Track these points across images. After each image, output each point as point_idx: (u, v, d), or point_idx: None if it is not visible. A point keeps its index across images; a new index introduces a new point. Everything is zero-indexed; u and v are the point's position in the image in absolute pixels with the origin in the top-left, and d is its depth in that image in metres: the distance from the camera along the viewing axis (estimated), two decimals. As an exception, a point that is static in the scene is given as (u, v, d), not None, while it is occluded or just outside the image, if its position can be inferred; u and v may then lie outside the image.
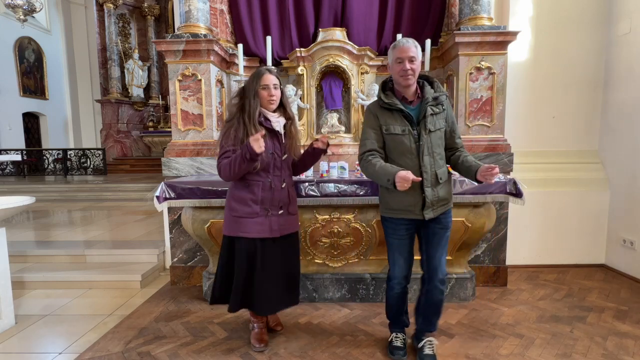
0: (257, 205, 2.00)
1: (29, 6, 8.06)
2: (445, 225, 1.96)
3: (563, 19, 3.36)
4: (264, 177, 2.01)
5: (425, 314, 2.07)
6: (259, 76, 1.98)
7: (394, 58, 1.84)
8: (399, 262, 2.02)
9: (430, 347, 2.04)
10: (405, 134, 1.86)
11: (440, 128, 1.89)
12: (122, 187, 7.64)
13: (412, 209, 1.90)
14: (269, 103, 1.99)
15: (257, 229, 2.00)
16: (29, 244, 3.99)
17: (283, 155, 2.05)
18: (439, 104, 1.89)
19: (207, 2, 3.11)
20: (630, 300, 2.79)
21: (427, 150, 1.85)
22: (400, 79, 1.84)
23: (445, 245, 1.99)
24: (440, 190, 1.89)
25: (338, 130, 3.27)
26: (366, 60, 3.27)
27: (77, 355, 2.14)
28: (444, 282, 1.97)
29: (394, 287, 2.07)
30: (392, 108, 1.88)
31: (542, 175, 3.39)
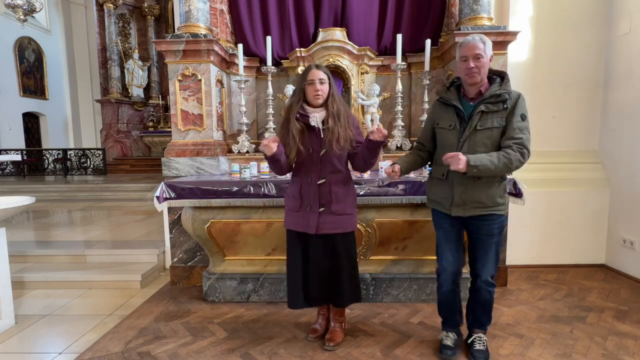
0: (298, 199, 2.05)
1: (29, 6, 8.06)
2: (489, 232, 1.91)
3: (563, 19, 3.36)
4: (303, 172, 2.04)
5: (474, 311, 2.08)
6: (306, 72, 2.01)
7: (460, 56, 1.81)
8: (447, 255, 2.01)
9: (480, 343, 2.05)
10: (451, 129, 1.88)
11: (493, 127, 1.80)
12: (122, 187, 7.64)
13: (443, 203, 1.94)
14: (314, 98, 1.98)
15: (297, 222, 2.07)
16: (29, 244, 3.99)
17: (321, 151, 1.99)
18: (500, 101, 1.78)
19: (207, 2, 3.11)
20: (630, 300, 2.78)
21: (467, 148, 1.81)
22: (466, 77, 1.82)
23: (490, 251, 1.94)
24: (476, 192, 1.84)
25: (338, 130, 3.26)
26: (366, 60, 3.27)
27: (77, 355, 2.14)
28: (489, 284, 1.97)
29: (442, 285, 2.06)
30: (447, 103, 1.90)
31: (542, 175, 3.39)
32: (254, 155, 3.18)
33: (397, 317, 2.54)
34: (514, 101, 1.81)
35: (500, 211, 1.90)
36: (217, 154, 3.10)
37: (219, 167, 3.11)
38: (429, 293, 2.74)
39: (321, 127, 1.99)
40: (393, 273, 2.76)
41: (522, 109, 1.82)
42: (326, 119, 1.98)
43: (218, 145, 3.14)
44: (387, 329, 2.37)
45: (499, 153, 1.78)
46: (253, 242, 2.74)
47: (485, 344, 2.06)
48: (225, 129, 3.42)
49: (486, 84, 1.85)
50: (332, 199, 2.01)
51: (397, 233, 2.66)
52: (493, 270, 1.97)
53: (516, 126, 1.80)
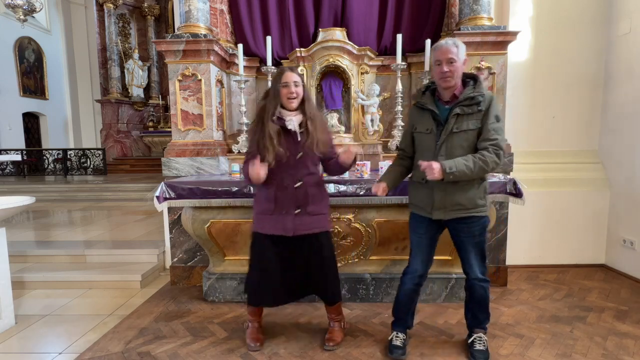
0: (272, 203, 2.03)
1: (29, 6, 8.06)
2: (470, 234, 1.93)
3: (563, 19, 3.36)
4: (278, 176, 2.01)
5: (472, 309, 2.10)
6: (280, 74, 1.99)
7: (434, 60, 1.84)
8: (417, 258, 2.05)
9: (480, 343, 2.05)
10: (429, 133, 1.89)
11: (469, 129, 1.82)
12: (122, 187, 7.64)
13: (423, 207, 1.95)
14: (289, 101, 1.98)
15: (271, 226, 2.04)
16: (29, 244, 3.99)
17: (298, 154, 1.99)
18: (474, 104, 1.81)
19: (207, 2, 3.11)
20: (630, 300, 2.78)
21: (444, 151, 1.84)
22: (440, 81, 1.84)
23: (473, 251, 1.97)
24: (456, 194, 1.86)
25: (338, 130, 3.26)
26: (366, 60, 3.27)
27: (77, 355, 2.14)
28: (481, 280, 1.99)
29: (407, 282, 2.08)
30: (424, 108, 1.92)
31: (542, 175, 3.39)
32: (254, 155, 3.18)
33: (397, 317, 2.54)
34: (488, 103, 1.83)
35: (481, 212, 1.91)
36: (217, 154, 3.10)
37: (219, 167, 3.11)
38: (428, 293, 2.74)
39: (298, 131, 1.99)
40: (393, 273, 2.76)
41: (496, 110, 1.85)
42: (304, 123, 2.00)
43: (218, 145, 3.14)
44: (387, 329, 2.36)
45: (474, 156, 1.80)
46: (253, 242, 2.74)
47: (485, 343, 2.06)
48: (225, 129, 3.42)
49: (460, 87, 1.87)
50: (309, 200, 2.03)
51: (397, 233, 2.66)
52: (482, 267, 2.00)
53: (491, 127, 1.82)
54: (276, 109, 1.98)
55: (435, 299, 2.75)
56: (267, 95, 2.07)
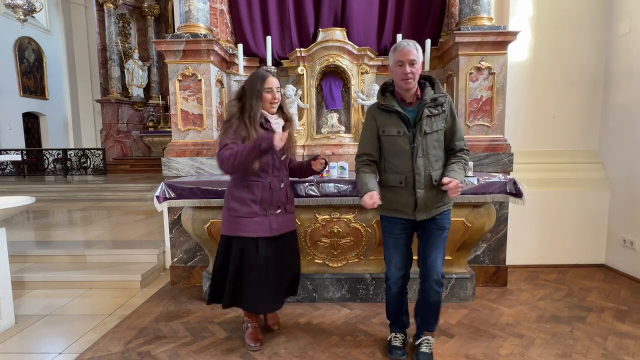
0: (257, 205, 2.01)
1: (29, 6, 8.06)
2: (442, 226, 1.95)
3: (563, 19, 3.36)
4: (264, 178, 2.02)
5: (422, 314, 2.07)
6: (263, 78, 1.98)
7: (395, 61, 1.82)
8: (395, 261, 2.03)
9: (427, 346, 2.04)
10: (401, 135, 1.87)
11: (438, 130, 1.87)
12: (122, 187, 7.64)
13: (405, 210, 1.92)
14: (271, 106, 2.02)
15: (257, 228, 2.02)
16: (29, 244, 3.99)
17: (282, 156, 2.07)
18: (438, 105, 1.86)
19: (207, 2, 3.11)
20: (630, 300, 2.79)
21: (421, 152, 1.85)
22: (401, 82, 1.83)
23: (442, 246, 1.97)
24: (435, 192, 1.88)
25: (338, 130, 3.27)
26: (366, 60, 3.27)
27: (77, 355, 2.14)
28: (440, 284, 1.96)
29: (391, 287, 2.07)
30: (389, 110, 1.88)
31: (542, 175, 3.39)
32: (254, 155, 3.18)
33: (397, 317, 2.54)
34: (449, 104, 1.90)
35: (450, 206, 1.99)
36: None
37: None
38: (429, 293, 2.74)
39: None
40: (393, 273, 2.76)
41: (455, 111, 1.94)
42: (287, 126, 2.07)
43: (218, 145, 3.14)
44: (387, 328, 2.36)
45: (459, 162, 1.89)
46: (253, 242, 2.74)
47: (431, 346, 2.06)
48: (225, 129, 3.41)
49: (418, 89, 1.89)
50: (288, 200, 2.14)
51: (397, 233, 2.66)
52: (442, 269, 1.97)
53: (459, 128, 1.93)
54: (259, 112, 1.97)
55: (435, 299, 2.75)
56: (243, 95, 2.00)
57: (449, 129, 1.90)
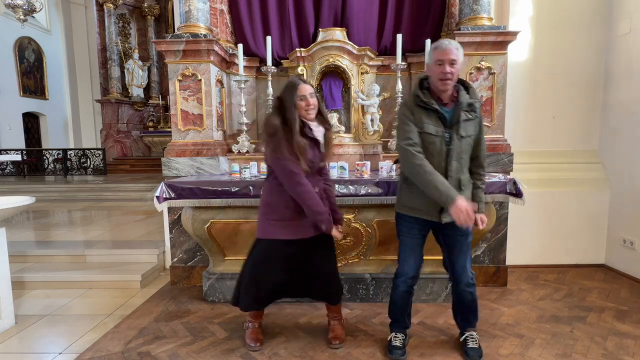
0: (294, 211, 2.01)
1: (29, 6, 8.06)
2: (465, 232, 1.94)
3: (563, 19, 3.36)
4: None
5: (461, 313, 2.12)
6: (294, 87, 1.97)
7: (435, 59, 1.79)
8: (409, 261, 2.02)
9: (472, 341, 2.07)
10: (439, 135, 1.81)
11: (471, 135, 1.85)
12: (122, 187, 7.64)
13: (429, 211, 1.89)
14: (307, 113, 1.98)
15: (293, 231, 2.02)
16: (29, 244, 3.99)
17: (321, 162, 2.06)
18: (473, 110, 1.84)
19: (207, 2, 3.11)
20: (630, 300, 2.79)
21: (455, 155, 1.82)
22: (439, 82, 1.79)
23: (468, 251, 1.99)
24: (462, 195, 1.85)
25: (338, 130, 3.26)
26: (366, 60, 3.27)
27: (77, 355, 2.14)
28: (471, 285, 2.02)
29: (399, 285, 2.07)
30: (428, 107, 1.82)
31: (542, 175, 3.39)
32: (254, 155, 3.19)
33: (397, 317, 2.54)
34: (479, 110, 1.90)
35: None
36: (217, 154, 3.10)
37: (219, 167, 3.11)
38: (428, 293, 2.75)
39: (322, 141, 2.04)
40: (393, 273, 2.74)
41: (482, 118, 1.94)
42: (327, 135, 2.07)
43: (218, 145, 3.14)
44: (387, 328, 2.36)
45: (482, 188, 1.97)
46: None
47: (477, 341, 2.08)
48: (225, 129, 3.42)
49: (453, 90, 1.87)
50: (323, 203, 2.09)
51: (397, 233, 2.66)
52: (471, 270, 2.02)
53: (484, 142, 1.95)
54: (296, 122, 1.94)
55: (436, 299, 2.75)
56: (280, 107, 1.99)
57: (477, 136, 1.89)
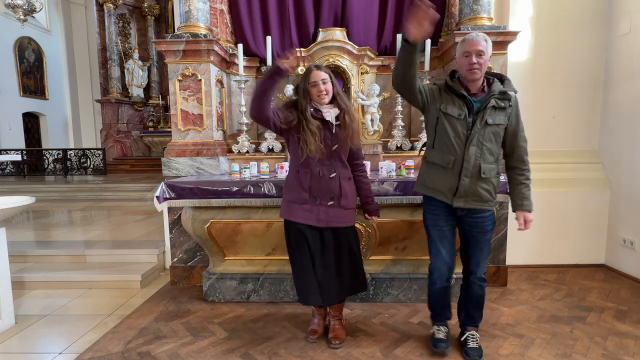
0: (306, 192, 2.03)
1: (29, 6, 8.06)
2: (484, 229, 1.95)
3: (563, 19, 3.36)
4: (313, 166, 2.03)
5: (467, 308, 2.11)
6: (307, 74, 2.04)
7: (462, 51, 1.81)
8: (441, 253, 2.00)
9: (473, 341, 2.07)
10: (461, 119, 1.84)
11: (500, 124, 1.84)
12: (122, 187, 7.64)
13: (444, 192, 1.90)
14: (320, 98, 2.03)
15: (304, 215, 2.04)
16: (29, 244, 3.99)
17: (334, 145, 2.04)
18: (506, 99, 1.84)
19: (207, 2, 3.11)
20: (630, 300, 2.79)
21: (475, 141, 1.83)
22: (467, 73, 1.81)
23: (485, 248, 1.99)
24: (479, 185, 1.86)
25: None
26: (366, 60, 3.27)
27: (77, 355, 2.14)
28: (483, 280, 2.02)
29: (435, 282, 2.06)
30: (455, 92, 1.86)
31: (542, 175, 3.39)
32: (254, 155, 3.18)
33: (397, 317, 2.54)
34: (516, 102, 1.88)
35: (492, 207, 1.97)
36: (217, 154, 3.10)
37: (219, 167, 3.11)
38: (429, 293, 2.74)
39: (334, 123, 2.04)
40: (393, 273, 2.76)
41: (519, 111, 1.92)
42: (341, 116, 2.06)
43: (218, 145, 3.14)
44: (387, 329, 2.37)
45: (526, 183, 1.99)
46: (253, 242, 2.74)
47: (478, 341, 2.08)
48: (225, 129, 3.42)
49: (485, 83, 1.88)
50: (342, 193, 2.07)
51: (397, 233, 2.66)
52: (485, 267, 2.03)
53: (522, 129, 1.92)
54: (309, 105, 2.01)
55: (435, 299, 2.75)
56: (297, 92, 2.10)
57: (513, 128, 1.88)
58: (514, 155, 1.95)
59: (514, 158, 1.95)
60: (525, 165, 1.95)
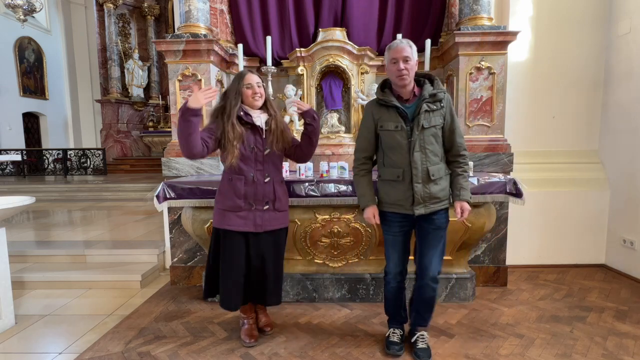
0: (241, 199, 2.04)
1: (29, 6, 8.06)
2: (439, 225, 1.97)
3: (563, 19, 3.36)
4: (246, 171, 2.04)
5: (417, 309, 2.11)
6: (241, 77, 2.07)
7: (390, 59, 1.88)
8: (393, 257, 2.07)
9: (422, 341, 2.08)
10: (398, 130, 1.90)
11: (436, 125, 1.90)
12: (122, 187, 7.64)
13: (402, 204, 1.95)
14: (254, 100, 2.05)
15: (241, 222, 2.05)
16: (29, 244, 3.99)
17: (265, 150, 2.07)
18: (437, 100, 1.90)
19: (207, 2, 3.11)
20: (630, 300, 2.79)
21: (418, 147, 1.88)
22: (397, 79, 1.87)
23: (439, 245, 1.99)
24: (432, 187, 1.91)
25: (338, 130, 3.27)
26: (366, 60, 3.27)
27: (77, 355, 2.14)
28: (435, 281, 2.00)
29: (390, 282, 2.12)
30: (388, 105, 1.92)
31: (542, 175, 3.39)
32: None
33: (397, 317, 2.54)
34: (447, 101, 1.94)
35: (447, 204, 2.00)
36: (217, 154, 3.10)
37: (219, 167, 3.11)
38: (429, 293, 2.74)
39: (264, 128, 2.07)
40: (393, 273, 2.76)
41: (453, 108, 1.98)
42: (269, 121, 2.08)
43: (218, 145, 3.14)
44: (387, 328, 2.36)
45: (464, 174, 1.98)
46: (253, 242, 2.74)
47: (427, 341, 2.09)
48: (225, 129, 3.41)
49: (415, 86, 1.93)
50: (276, 197, 2.11)
51: (397, 233, 2.66)
52: (440, 266, 2.02)
53: (458, 125, 1.97)
54: (238, 107, 2.02)
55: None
56: (224, 97, 2.08)
57: (448, 126, 1.94)
58: (452, 151, 1.98)
59: (452, 153, 1.98)
60: (464, 159, 1.99)
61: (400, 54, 1.83)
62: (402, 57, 1.83)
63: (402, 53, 1.83)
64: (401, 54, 1.83)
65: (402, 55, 1.83)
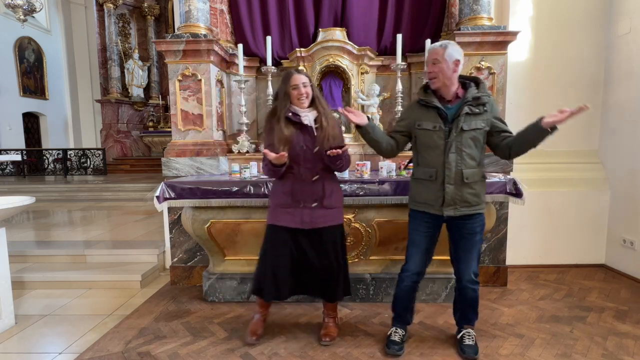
0: (289, 196, 2.07)
1: (29, 6, 8.06)
2: (472, 230, 1.97)
3: (563, 19, 3.36)
4: (295, 170, 2.07)
5: (461, 309, 2.14)
6: (288, 78, 2.08)
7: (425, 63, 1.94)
8: (415, 257, 2.06)
9: (469, 338, 2.09)
10: (436, 130, 1.91)
11: (477, 129, 1.89)
12: (122, 187, 7.64)
13: (433, 204, 1.95)
14: (299, 101, 2.06)
15: (288, 218, 2.07)
16: (29, 244, 3.99)
17: (314, 148, 2.06)
18: (480, 104, 1.89)
19: (207, 2, 3.11)
20: (630, 300, 2.79)
21: (454, 148, 1.88)
22: (429, 82, 1.92)
23: (473, 249, 2.00)
24: (465, 191, 1.90)
25: (338, 130, 3.26)
26: (366, 60, 3.27)
27: (77, 355, 2.14)
28: (473, 282, 2.03)
29: (405, 280, 2.10)
30: (428, 105, 1.93)
31: (542, 175, 3.39)
32: (254, 155, 3.18)
33: (397, 317, 2.54)
34: (492, 105, 1.94)
35: (482, 209, 2.00)
36: (217, 154, 3.10)
37: (219, 167, 3.11)
38: (429, 293, 2.74)
39: (314, 126, 2.07)
40: (393, 273, 2.75)
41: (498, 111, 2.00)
42: (319, 119, 2.08)
43: (218, 145, 3.14)
44: (387, 328, 2.36)
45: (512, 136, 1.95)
46: (253, 242, 2.73)
47: (474, 338, 2.10)
48: (225, 129, 3.42)
49: (460, 88, 1.93)
50: (325, 194, 2.10)
51: (397, 233, 2.66)
52: (476, 269, 2.03)
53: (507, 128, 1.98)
54: (286, 108, 2.05)
55: (436, 299, 2.75)
56: (276, 98, 2.13)
57: (497, 128, 1.93)
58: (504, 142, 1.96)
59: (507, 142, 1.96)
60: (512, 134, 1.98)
61: (430, 56, 1.87)
62: (430, 59, 1.87)
63: (431, 56, 1.87)
64: (430, 56, 1.87)
65: (431, 57, 1.87)
